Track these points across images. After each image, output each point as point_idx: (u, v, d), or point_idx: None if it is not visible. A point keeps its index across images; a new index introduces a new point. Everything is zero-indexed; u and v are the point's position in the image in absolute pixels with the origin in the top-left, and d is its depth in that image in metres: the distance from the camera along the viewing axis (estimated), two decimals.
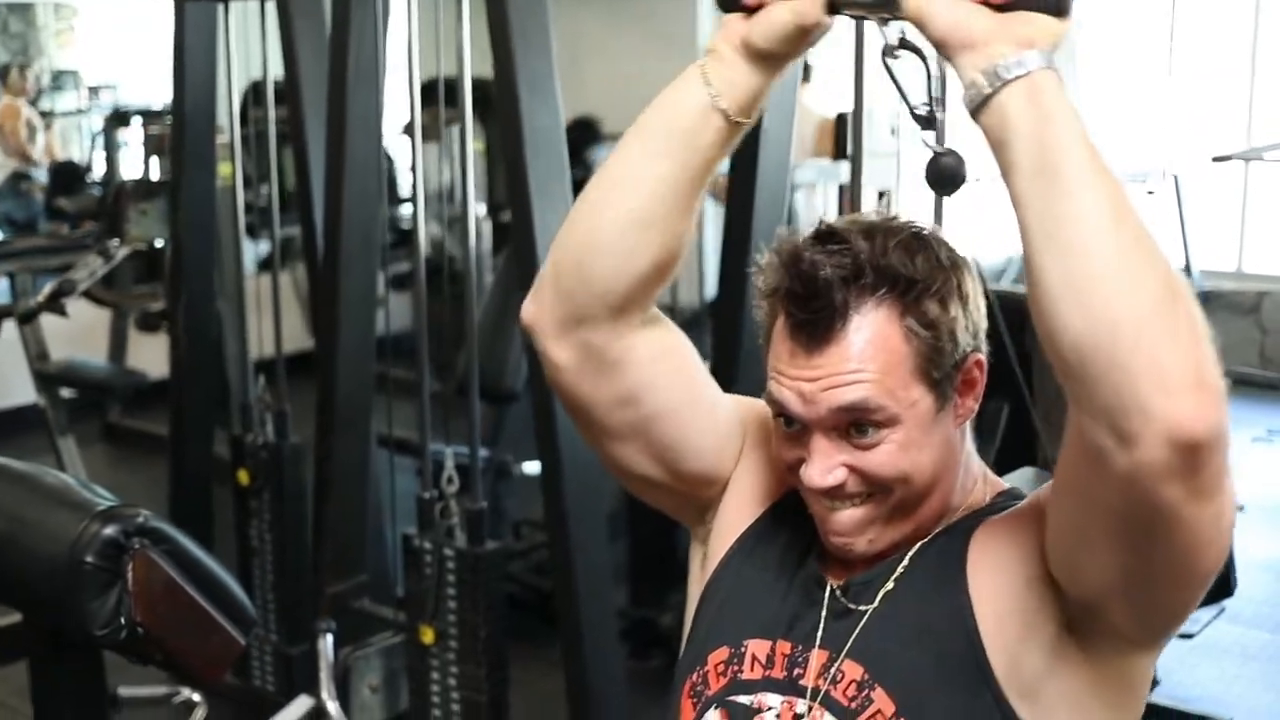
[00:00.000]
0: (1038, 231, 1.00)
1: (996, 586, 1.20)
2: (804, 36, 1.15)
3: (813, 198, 5.51)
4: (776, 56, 1.18)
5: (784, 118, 2.45)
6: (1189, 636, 3.56)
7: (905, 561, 1.25)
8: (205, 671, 2.16)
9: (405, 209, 6.63)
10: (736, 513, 1.38)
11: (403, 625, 2.84)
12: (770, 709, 1.25)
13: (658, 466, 1.36)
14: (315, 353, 2.97)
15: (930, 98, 1.16)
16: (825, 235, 1.20)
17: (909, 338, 1.17)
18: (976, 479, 1.30)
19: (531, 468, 4.20)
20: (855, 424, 1.18)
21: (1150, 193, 6.38)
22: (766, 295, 1.23)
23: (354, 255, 2.78)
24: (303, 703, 2.96)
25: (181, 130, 3.46)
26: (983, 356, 1.24)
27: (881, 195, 2.90)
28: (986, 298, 1.26)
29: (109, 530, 1.98)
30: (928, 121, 1.16)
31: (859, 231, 1.19)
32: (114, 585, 1.99)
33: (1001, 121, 1.02)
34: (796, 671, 1.25)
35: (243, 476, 3.49)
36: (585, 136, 6.01)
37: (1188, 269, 6.55)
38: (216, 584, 2.12)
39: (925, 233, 1.22)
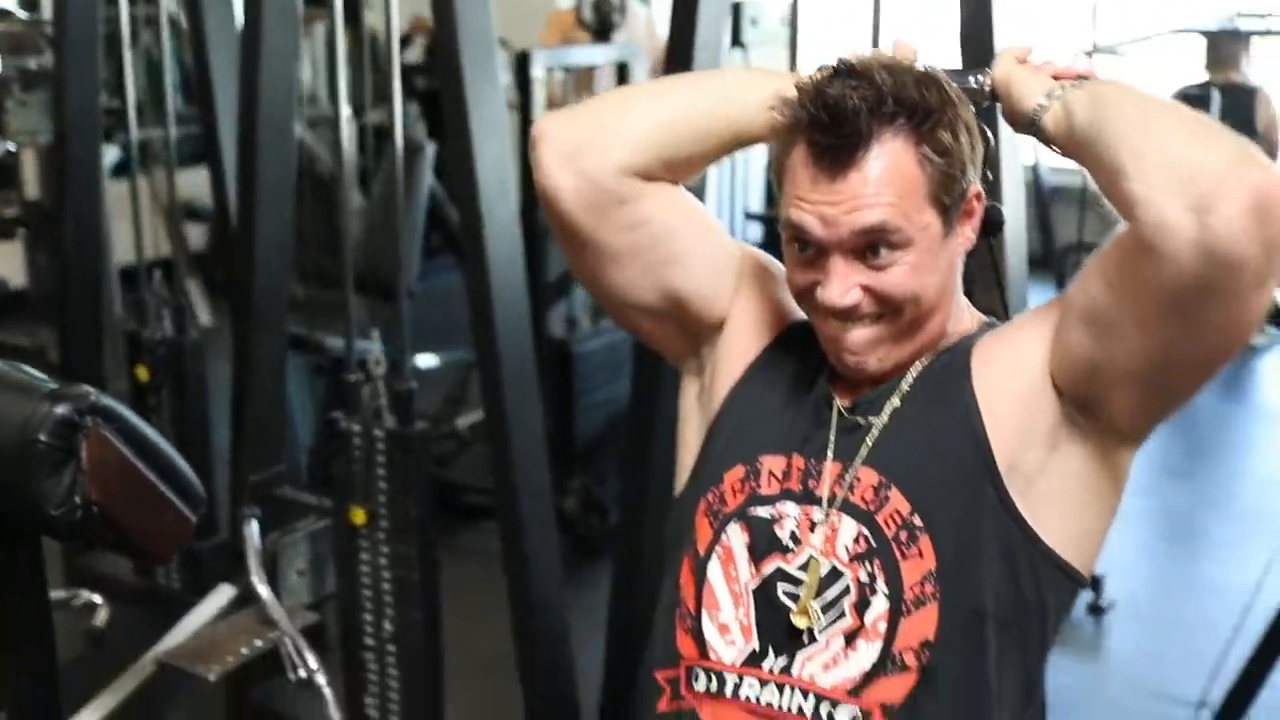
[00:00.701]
0: (1094, 133, 1.21)
1: (999, 393, 1.31)
2: None
3: None
4: None
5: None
6: None
7: (909, 379, 1.36)
8: (159, 550, 2.15)
9: None
10: (738, 348, 1.46)
11: (327, 509, 2.86)
12: (789, 517, 1.34)
13: (656, 292, 1.45)
14: (235, 249, 2.94)
15: (994, 167, 1.41)
16: (847, 70, 1.29)
17: (923, 164, 1.27)
18: (964, 309, 1.41)
19: (424, 361, 4.24)
20: (872, 246, 1.27)
21: None
22: (785, 129, 1.32)
23: (271, 148, 2.75)
24: (224, 591, 2.98)
25: (64, 24, 3.35)
26: (980, 189, 1.34)
27: None
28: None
29: (61, 409, 1.94)
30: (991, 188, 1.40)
31: (877, 66, 1.29)
32: (67, 465, 1.96)
33: (1064, 110, 1.25)
34: (811, 483, 1.35)
35: (141, 373, 3.45)
36: None
37: (1035, 167, 6.82)
38: (167, 463, 2.10)
39: (933, 71, 1.32)
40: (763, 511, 1.36)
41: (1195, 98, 5.66)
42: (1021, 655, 1.31)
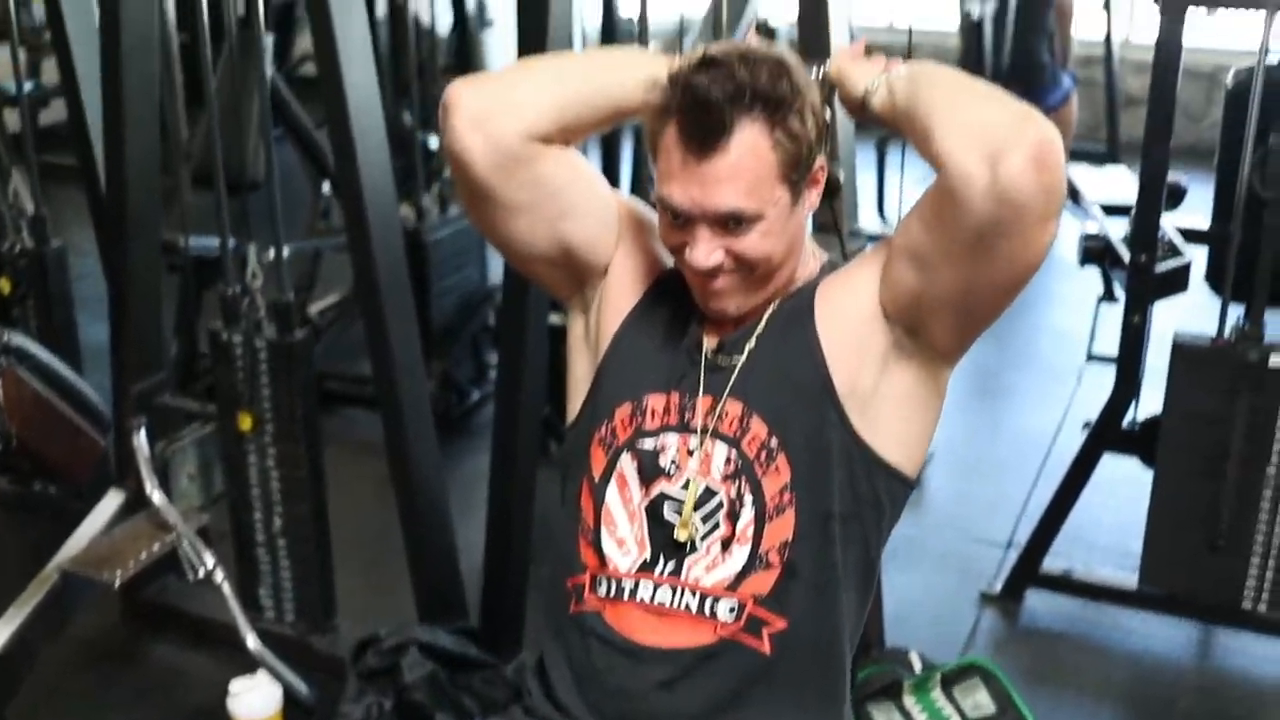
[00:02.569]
0: (916, 111, 1.45)
1: (837, 328, 1.58)
2: None
3: None
4: None
5: None
6: None
7: (763, 322, 1.61)
8: (74, 472, 2.31)
9: None
10: (620, 295, 1.69)
11: (213, 416, 3.00)
12: (670, 447, 1.59)
13: (548, 240, 1.65)
14: (106, 158, 2.98)
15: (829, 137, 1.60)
16: (710, 62, 1.48)
17: (776, 147, 1.48)
18: (810, 253, 1.66)
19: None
20: (733, 218, 1.49)
21: None
22: (657, 111, 1.51)
23: (135, 52, 2.74)
24: (114, 498, 3.10)
25: None
26: (824, 160, 1.57)
27: None
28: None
29: None
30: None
31: (737, 59, 1.47)
32: None
33: (888, 90, 1.51)
34: (688, 416, 1.59)
35: (3, 285, 3.49)
36: None
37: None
38: (75, 392, 2.26)
39: (785, 59, 1.51)
40: (648, 443, 1.60)
41: None
42: (863, 543, 1.60)
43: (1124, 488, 3.69)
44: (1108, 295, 4.64)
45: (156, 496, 2.86)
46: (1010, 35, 5.91)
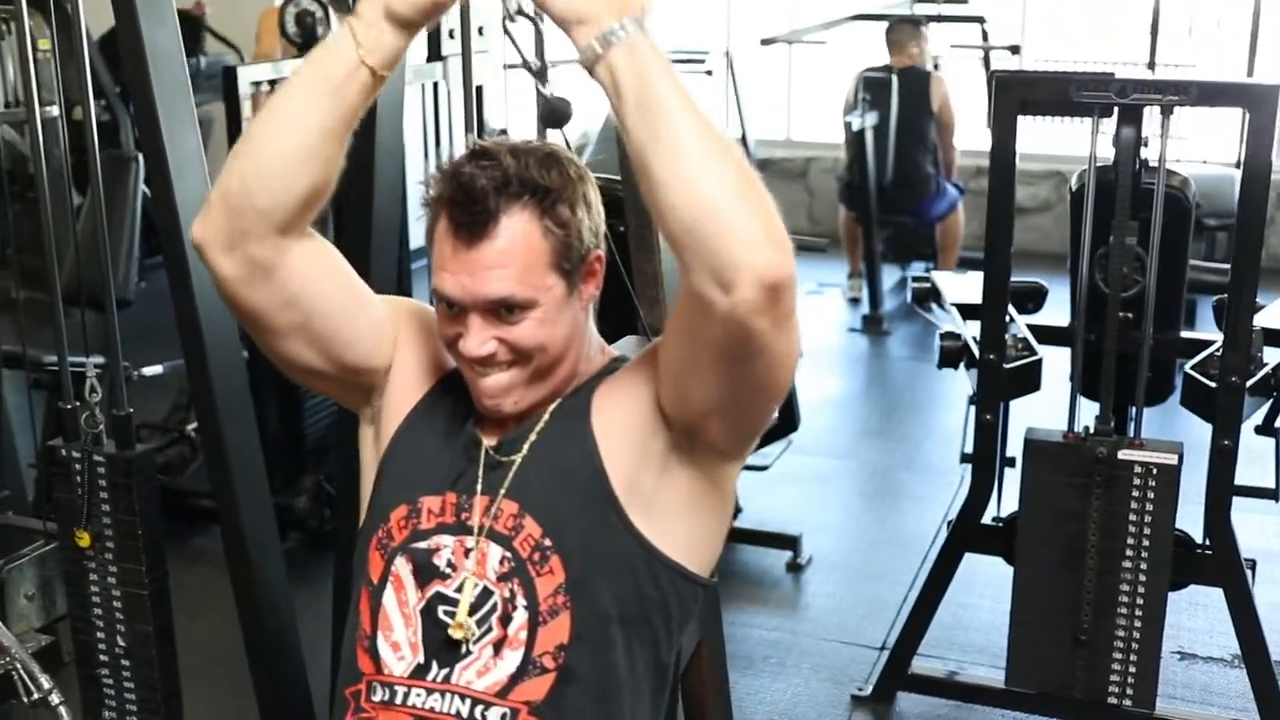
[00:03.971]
0: (647, 144, 1.31)
1: (615, 426, 1.55)
2: (438, 9, 1.44)
3: None
4: (415, 23, 1.45)
5: None
6: (764, 469, 4.11)
7: (544, 419, 1.58)
8: None
9: None
10: (402, 396, 1.67)
11: (53, 535, 2.93)
12: (446, 548, 1.56)
13: (321, 358, 1.62)
14: None
15: (540, 55, 1.51)
16: (479, 154, 1.48)
17: (546, 235, 1.48)
18: (596, 350, 1.65)
19: (150, 372, 4.28)
20: (504, 305, 1.49)
21: (709, 72, 6.96)
22: (431, 203, 1.51)
23: None
24: None
25: None
26: (601, 253, 1.57)
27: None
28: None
29: None
30: (539, 74, 1.51)
31: (506, 150, 1.48)
32: None
33: (611, 74, 1.33)
34: (464, 515, 1.56)
35: None
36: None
37: (744, 139, 7.19)
38: None
39: (557, 151, 1.52)
40: (422, 544, 1.57)
41: (876, 80, 6.13)
42: (652, 645, 1.57)
43: (997, 586, 3.68)
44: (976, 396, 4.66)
45: None
46: (893, 147, 6.03)
